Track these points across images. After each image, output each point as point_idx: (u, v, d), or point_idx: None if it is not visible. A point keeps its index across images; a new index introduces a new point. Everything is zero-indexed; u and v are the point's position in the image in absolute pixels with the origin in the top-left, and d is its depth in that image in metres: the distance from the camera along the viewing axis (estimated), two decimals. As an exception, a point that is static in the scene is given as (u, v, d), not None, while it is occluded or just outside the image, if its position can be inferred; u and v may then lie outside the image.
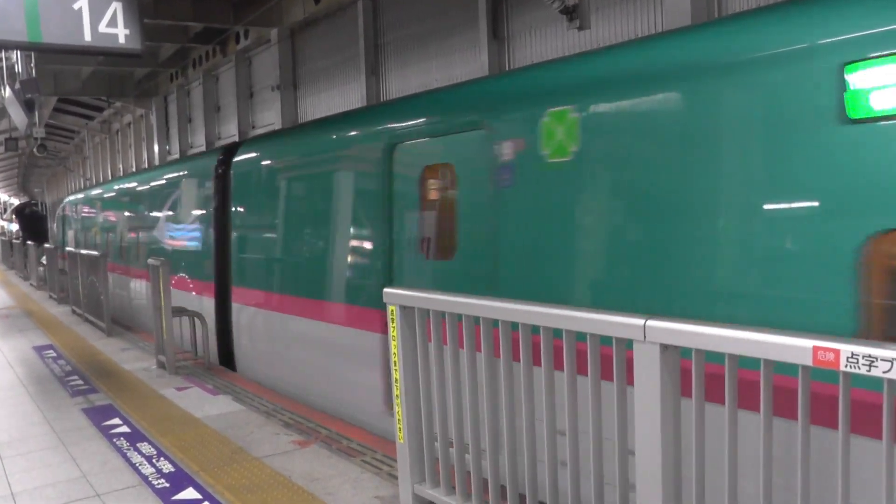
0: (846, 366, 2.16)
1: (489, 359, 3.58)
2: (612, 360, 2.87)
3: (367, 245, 6.30)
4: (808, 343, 2.25)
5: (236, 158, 8.82)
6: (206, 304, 9.15)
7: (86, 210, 18.10)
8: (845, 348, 2.16)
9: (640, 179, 4.01)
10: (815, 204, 3.25)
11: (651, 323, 2.67)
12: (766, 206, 3.42)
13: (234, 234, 8.70)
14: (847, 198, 3.13)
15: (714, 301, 3.63)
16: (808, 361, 2.25)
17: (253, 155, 8.62)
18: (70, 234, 20.12)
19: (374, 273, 6.10)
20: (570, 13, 9.96)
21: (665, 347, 2.64)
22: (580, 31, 9.83)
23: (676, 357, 2.68)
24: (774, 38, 3.48)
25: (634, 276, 4.01)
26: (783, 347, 2.31)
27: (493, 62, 11.71)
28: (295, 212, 7.58)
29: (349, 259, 6.55)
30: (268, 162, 8.35)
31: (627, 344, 2.79)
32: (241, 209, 8.63)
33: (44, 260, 19.79)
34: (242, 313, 8.42)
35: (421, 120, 5.82)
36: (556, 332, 3.15)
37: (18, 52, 13.01)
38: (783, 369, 2.42)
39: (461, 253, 5.21)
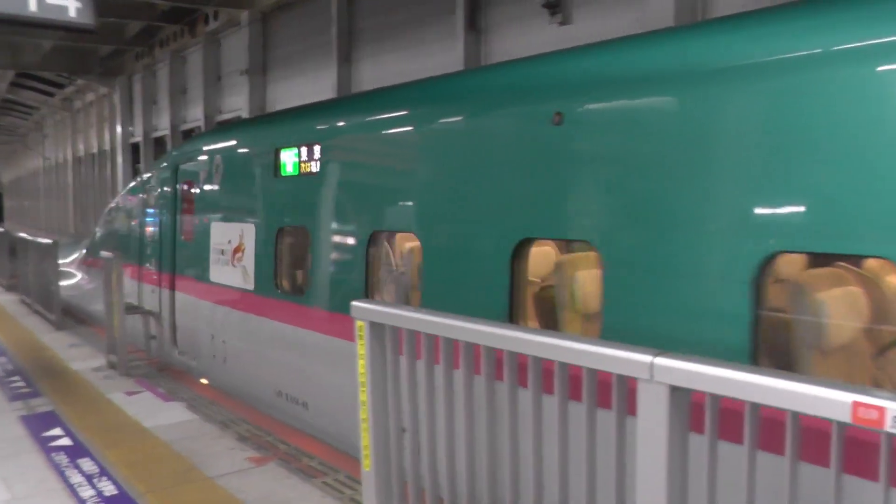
0: (893, 426, 1.86)
1: (467, 381, 3.25)
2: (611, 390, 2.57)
3: None
4: (847, 397, 1.96)
5: None
6: None
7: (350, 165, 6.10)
8: (892, 406, 1.87)
9: None
10: None
11: (660, 361, 2.35)
12: None
13: None
14: None
15: None
16: (847, 419, 1.96)
17: None
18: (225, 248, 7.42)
19: None
20: (553, 7, 9.66)
21: (675, 389, 2.33)
22: (562, 26, 9.54)
23: (687, 399, 2.37)
24: None
25: None
26: (817, 400, 2.02)
27: (470, 54, 11.34)
28: None
29: None
30: None
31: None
32: None
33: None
34: None
35: None
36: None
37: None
38: None
39: None
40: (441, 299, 4.65)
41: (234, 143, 7.86)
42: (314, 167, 6.08)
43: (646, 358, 2.39)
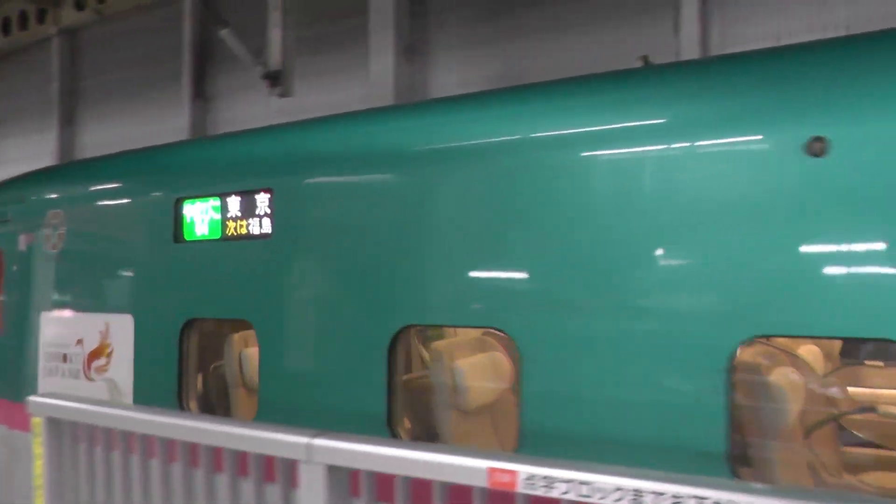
0: (524, 487, 2.13)
1: (144, 470, 3.25)
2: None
3: None
4: (482, 464, 2.21)
5: None
6: None
7: None
8: (524, 469, 2.14)
9: None
10: None
11: (317, 442, 2.49)
12: None
13: None
14: None
15: None
16: (484, 483, 2.21)
17: None
18: None
19: None
20: (273, 79, 9.89)
21: (332, 469, 2.48)
22: (282, 98, 9.80)
23: (345, 479, 2.52)
24: None
25: None
26: (457, 469, 2.27)
27: (198, 122, 11.23)
28: None
29: None
30: None
31: None
32: None
33: None
34: None
35: None
36: None
37: None
38: None
39: None
40: None
41: (91, 188, 5.19)
42: (257, 226, 3.98)
43: (302, 440, 2.51)
